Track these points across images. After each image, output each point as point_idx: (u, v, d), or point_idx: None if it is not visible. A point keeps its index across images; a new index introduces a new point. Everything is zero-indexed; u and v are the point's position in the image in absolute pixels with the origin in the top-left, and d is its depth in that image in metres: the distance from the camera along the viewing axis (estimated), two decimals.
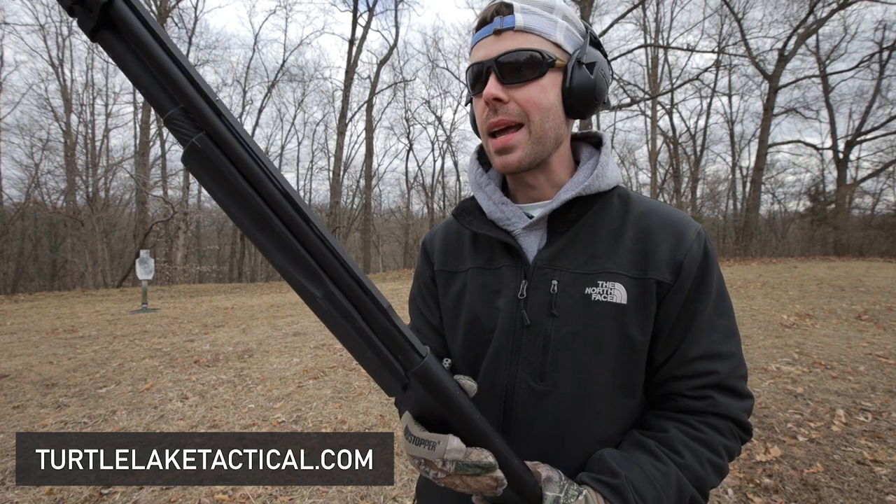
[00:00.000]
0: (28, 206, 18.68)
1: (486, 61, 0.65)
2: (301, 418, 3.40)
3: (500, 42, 0.64)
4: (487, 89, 0.64)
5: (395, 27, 36.24)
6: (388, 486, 2.49)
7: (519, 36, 0.64)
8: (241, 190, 0.44)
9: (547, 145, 0.67)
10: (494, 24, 0.64)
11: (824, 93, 19.47)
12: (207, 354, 5.24)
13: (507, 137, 0.65)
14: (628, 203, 0.71)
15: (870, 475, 2.40)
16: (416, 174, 29.92)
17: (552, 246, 0.69)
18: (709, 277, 0.66)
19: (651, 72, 21.24)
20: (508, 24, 0.63)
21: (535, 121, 0.65)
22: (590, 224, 0.69)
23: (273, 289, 14.30)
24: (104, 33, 0.40)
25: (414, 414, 0.56)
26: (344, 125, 20.56)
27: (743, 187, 24.09)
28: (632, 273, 0.65)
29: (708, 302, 0.66)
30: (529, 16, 0.64)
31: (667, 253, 0.65)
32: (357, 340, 0.49)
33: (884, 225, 17.48)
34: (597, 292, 0.65)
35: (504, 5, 0.64)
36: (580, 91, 0.66)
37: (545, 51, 0.64)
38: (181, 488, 2.48)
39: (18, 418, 3.45)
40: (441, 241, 0.83)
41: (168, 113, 0.42)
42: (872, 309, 6.17)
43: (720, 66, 20.81)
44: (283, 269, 0.47)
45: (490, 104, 0.65)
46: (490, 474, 0.53)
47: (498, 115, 0.65)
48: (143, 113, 18.25)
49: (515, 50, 0.63)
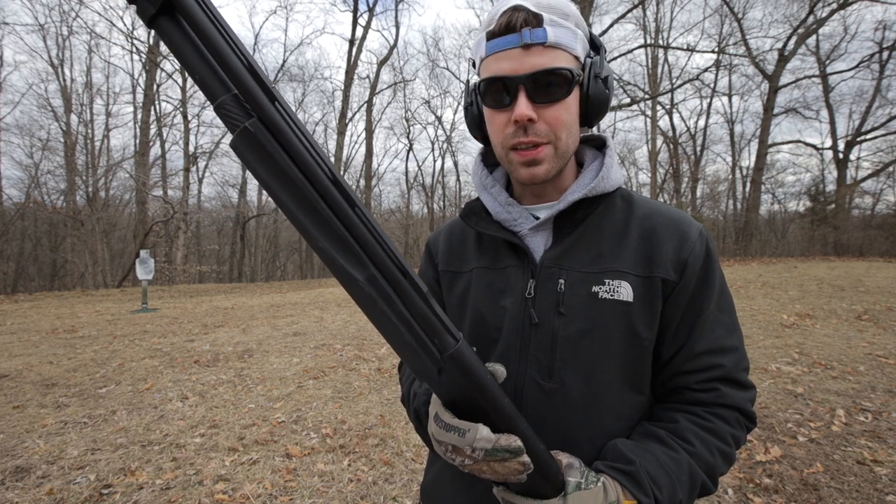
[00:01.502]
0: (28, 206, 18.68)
1: (515, 77, 0.62)
2: (301, 418, 3.40)
3: (530, 57, 0.61)
4: (520, 110, 0.62)
5: (395, 27, 36.16)
6: (389, 486, 2.49)
7: (549, 52, 0.62)
8: (290, 174, 0.44)
9: (567, 158, 0.69)
10: (524, 37, 0.61)
11: (824, 93, 19.49)
12: (207, 354, 5.24)
13: (536, 151, 0.65)
14: (631, 204, 0.72)
15: (870, 475, 2.40)
16: (416, 174, 29.97)
17: (558, 246, 0.70)
18: (712, 275, 0.68)
19: (651, 72, 21.25)
20: (539, 38, 0.61)
21: (562, 138, 0.66)
22: (594, 224, 0.70)
23: (273, 289, 14.31)
24: (163, 20, 0.39)
25: (444, 400, 0.56)
26: (344, 125, 20.56)
27: (743, 187, 24.12)
28: (637, 272, 0.66)
29: (711, 299, 0.67)
30: (559, 29, 0.62)
31: (671, 252, 0.66)
32: (395, 324, 0.49)
33: (884, 225, 17.48)
34: (604, 290, 0.66)
35: (533, 15, 0.61)
36: (597, 105, 0.67)
37: (573, 69, 0.63)
38: (181, 488, 2.48)
39: (18, 418, 3.45)
40: (445, 241, 0.84)
41: (219, 100, 0.42)
42: (872, 309, 6.17)
43: (720, 66, 20.82)
44: (326, 254, 0.47)
45: (520, 122, 0.63)
46: (517, 459, 0.53)
47: (528, 134, 0.64)
48: (143, 113, 18.24)
49: (550, 69, 0.61)
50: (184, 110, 20.57)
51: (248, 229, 25.42)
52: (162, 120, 21.00)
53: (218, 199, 27.41)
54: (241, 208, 24.20)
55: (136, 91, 20.88)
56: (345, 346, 5.48)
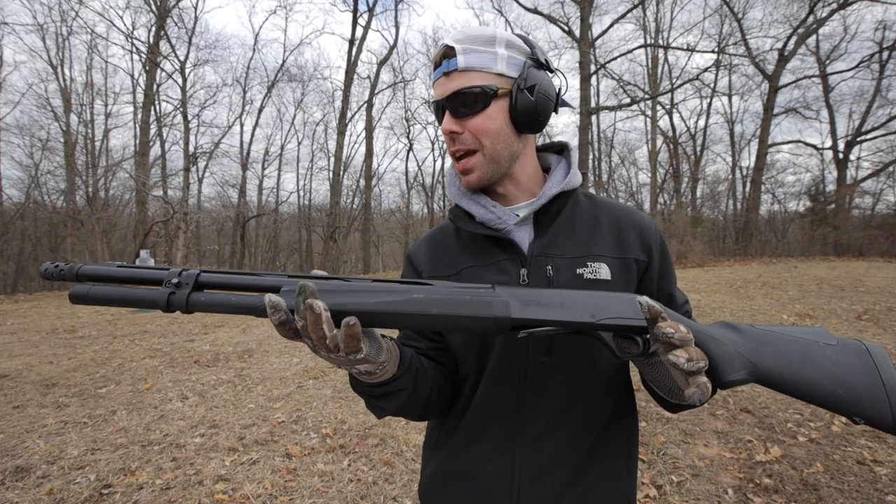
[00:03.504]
0: (28, 206, 18.68)
1: (440, 100, 0.77)
2: (301, 418, 3.40)
3: (450, 82, 0.75)
4: (444, 125, 0.77)
5: (395, 27, 36.09)
6: (389, 486, 2.49)
7: (463, 75, 0.75)
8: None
9: (502, 163, 0.79)
10: (443, 67, 0.76)
11: (824, 93, 19.46)
12: (207, 354, 5.24)
13: (465, 162, 0.78)
14: (593, 200, 0.87)
15: (870, 475, 2.40)
16: (416, 174, 29.92)
17: (542, 238, 0.81)
18: (667, 252, 0.87)
19: (651, 72, 21.24)
20: (453, 66, 0.75)
21: (487, 145, 0.77)
22: (567, 217, 0.83)
23: None
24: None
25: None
26: (344, 125, 20.55)
27: (743, 187, 24.08)
28: (613, 255, 0.80)
29: (671, 268, 0.87)
30: (470, 55, 0.74)
31: (637, 239, 0.83)
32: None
33: (884, 225, 17.44)
34: (587, 272, 0.78)
35: (449, 48, 0.75)
36: (524, 112, 0.77)
37: (487, 85, 0.74)
38: (181, 488, 2.48)
39: (18, 418, 3.45)
40: (427, 252, 0.89)
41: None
42: (872, 309, 6.17)
43: (720, 66, 20.79)
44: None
45: (447, 135, 0.77)
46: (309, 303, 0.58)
47: (455, 144, 0.78)
48: (143, 113, 18.23)
49: (460, 89, 0.74)
50: (184, 110, 20.57)
51: (248, 229, 25.42)
52: (162, 120, 20.98)
53: (218, 199, 27.40)
54: (241, 208, 24.18)
55: (136, 91, 20.89)
56: None
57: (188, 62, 20.82)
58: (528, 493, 0.75)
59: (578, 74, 16.88)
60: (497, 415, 0.78)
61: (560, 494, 0.75)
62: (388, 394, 0.71)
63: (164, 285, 0.59)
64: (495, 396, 0.78)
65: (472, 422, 0.80)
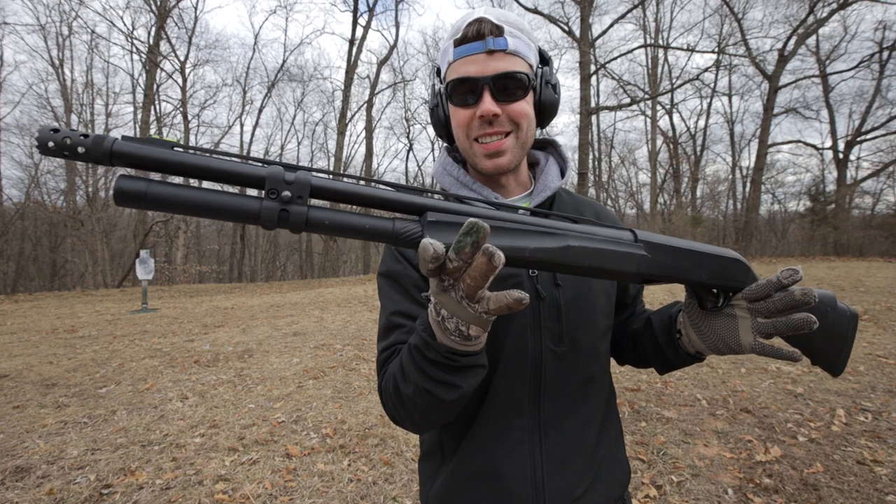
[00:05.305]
0: (28, 206, 18.69)
1: (480, 78, 0.71)
2: (301, 418, 3.40)
3: (493, 62, 0.71)
4: (486, 106, 0.71)
5: (395, 27, 36.28)
6: (389, 486, 2.49)
7: (510, 58, 0.72)
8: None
9: (527, 150, 0.80)
10: (488, 44, 0.70)
11: (824, 93, 19.47)
12: (207, 354, 5.24)
13: (500, 143, 0.74)
14: (572, 195, 0.91)
15: (870, 475, 2.40)
16: (416, 174, 29.92)
17: None
18: None
19: (651, 72, 21.26)
20: (501, 45, 0.71)
21: (524, 128, 0.76)
22: (558, 210, 0.85)
23: (273, 289, 14.30)
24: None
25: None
26: (344, 125, 20.55)
27: (743, 187, 24.09)
28: None
29: None
30: (517, 40, 0.72)
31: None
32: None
33: (884, 225, 17.45)
34: None
35: (496, 26, 0.71)
36: (548, 107, 0.78)
37: (529, 74, 0.74)
38: (181, 488, 2.48)
39: (18, 418, 3.45)
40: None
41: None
42: (872, 309, 6.17)
43: (720, 66, 20.79)
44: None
45: (485, 118, 0.73)
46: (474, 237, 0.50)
47: (493, 126, 0.74)
48: (143, 113, 18.24)
49: (510, 72, 0.71)
50: (184, 110, 20.58)
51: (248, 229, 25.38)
52: (162, 120, 20.99)
53: None
54: None
55: (136, 91, 20.90)
56: (345, 346, 5.48)
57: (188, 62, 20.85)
58: (552, 481, 0.75)
59: (578, 74, 16.89)
60: (515, 408, 0.76)
61: (580, 477, 0.77)
62: (472, 367, 0.60)
63: (269, 195, 0.44)
64: (512, 390, 0.76)
65: (488, 420, 0.77)
